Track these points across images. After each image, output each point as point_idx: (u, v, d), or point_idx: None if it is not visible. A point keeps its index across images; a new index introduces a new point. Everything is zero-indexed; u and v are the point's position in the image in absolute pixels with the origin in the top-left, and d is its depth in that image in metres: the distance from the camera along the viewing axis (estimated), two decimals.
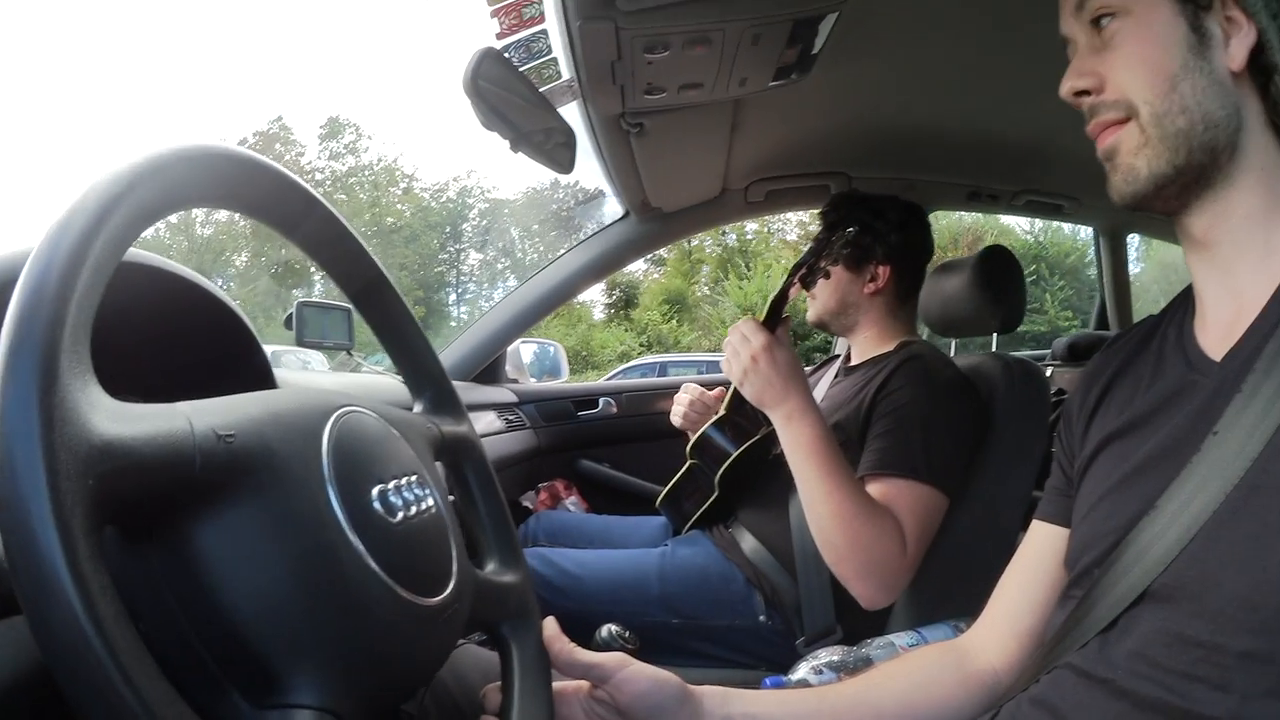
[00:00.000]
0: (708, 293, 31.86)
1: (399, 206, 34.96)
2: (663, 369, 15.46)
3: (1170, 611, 0.74)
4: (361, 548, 0.61)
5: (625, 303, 30.94)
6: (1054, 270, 25.78)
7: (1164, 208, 0.85)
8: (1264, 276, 0.80)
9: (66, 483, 0.42)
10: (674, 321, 29.69)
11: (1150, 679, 0.73)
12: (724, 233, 29.78)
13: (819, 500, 1.47)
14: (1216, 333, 0.84)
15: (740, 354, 1.53)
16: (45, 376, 0.43)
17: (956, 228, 25.36)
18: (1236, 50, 0.79)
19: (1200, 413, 0.79)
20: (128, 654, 0.43)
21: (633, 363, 19.25)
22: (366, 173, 35.02)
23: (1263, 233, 0.81)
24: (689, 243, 30.43)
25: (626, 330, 29.36)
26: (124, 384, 0.52)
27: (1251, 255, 0.81)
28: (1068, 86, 0.88)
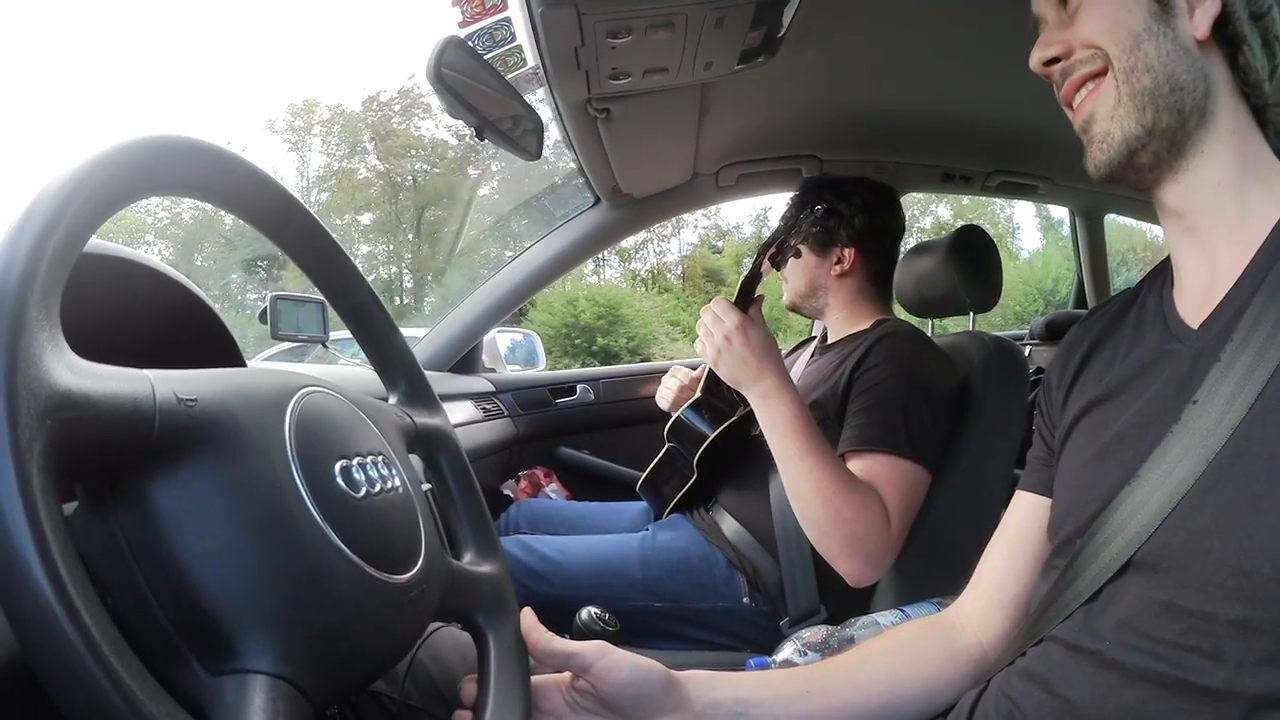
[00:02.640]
0: None
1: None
2: None
3: (1157, 580, 0.75)
4: (320, 518, 0.62)
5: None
6: None
7: (1138, 180, 0.86)
8: (1238, 243, 0.81)
9: (25, 418, 0.43)
10: None
11: (1140, 649, 0.74)
12: None
13: (800, 478, 1.47)
14: (1194, 300, 0.85)
15: (713, 334, 1.54)
16: (14, 321, 0.45)
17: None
18: (1200, 20, 0.81)
19: (1180, 380, 0.80)
20: (98, 636, 0.44)
21: None
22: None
23: (1236, 200, 0.82)
24: None
25: None
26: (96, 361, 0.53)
27: (1225, 222, 0.82)
28: (1036, 57, 0.90)
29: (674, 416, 1.98)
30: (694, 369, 2.10)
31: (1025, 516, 1.01)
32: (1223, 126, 0.82)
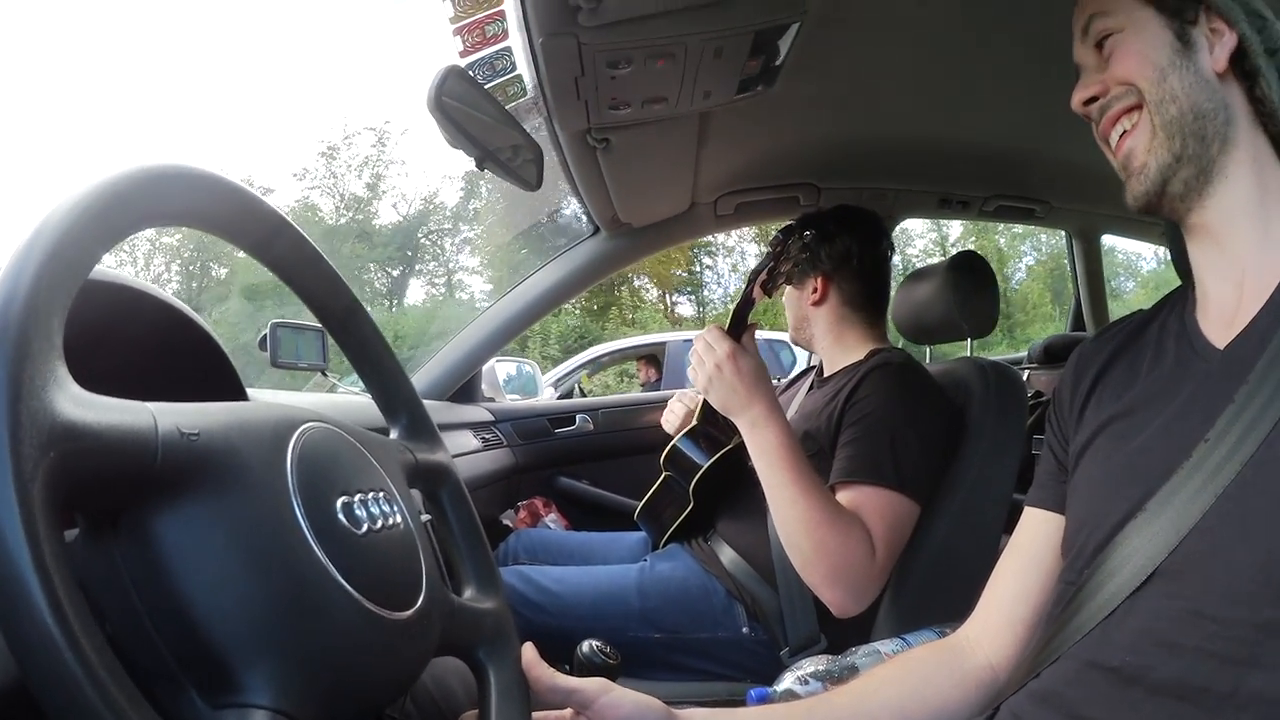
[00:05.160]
0: None
1: None
2: None
3: (1179, 588, 0.75)
4: (322, 554, 0.62)
5: None
6: None
7: (1171, 210, 0.89)
8: (1265, 268, 0.84)
9: (28, 450, 0.44)
10: None
11: (1162, 660, 0.74)
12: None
13: (785, 506, 1.48)
14: (1220, 321, 0.87)
15: (705, 362, 1.55)
16: (17, 351, 0.45)
17: None
18: (1219, 54, 0.87)
19: (1201, 402, 0.81)
20: (99, 667, 0.44)
21: None
22: None
23: (1260, 223, 0.85)
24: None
25: None
26: (97, 390, 0.53)
27: (1250, 245, 0.85)
28: (1076, 98, 0.95)
29: (670, 445, 1.98)
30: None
31: (1036, 533, 1.01)
32: (1243, 153, 0.86)
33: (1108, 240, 3.31)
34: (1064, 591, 0.89)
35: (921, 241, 27.67)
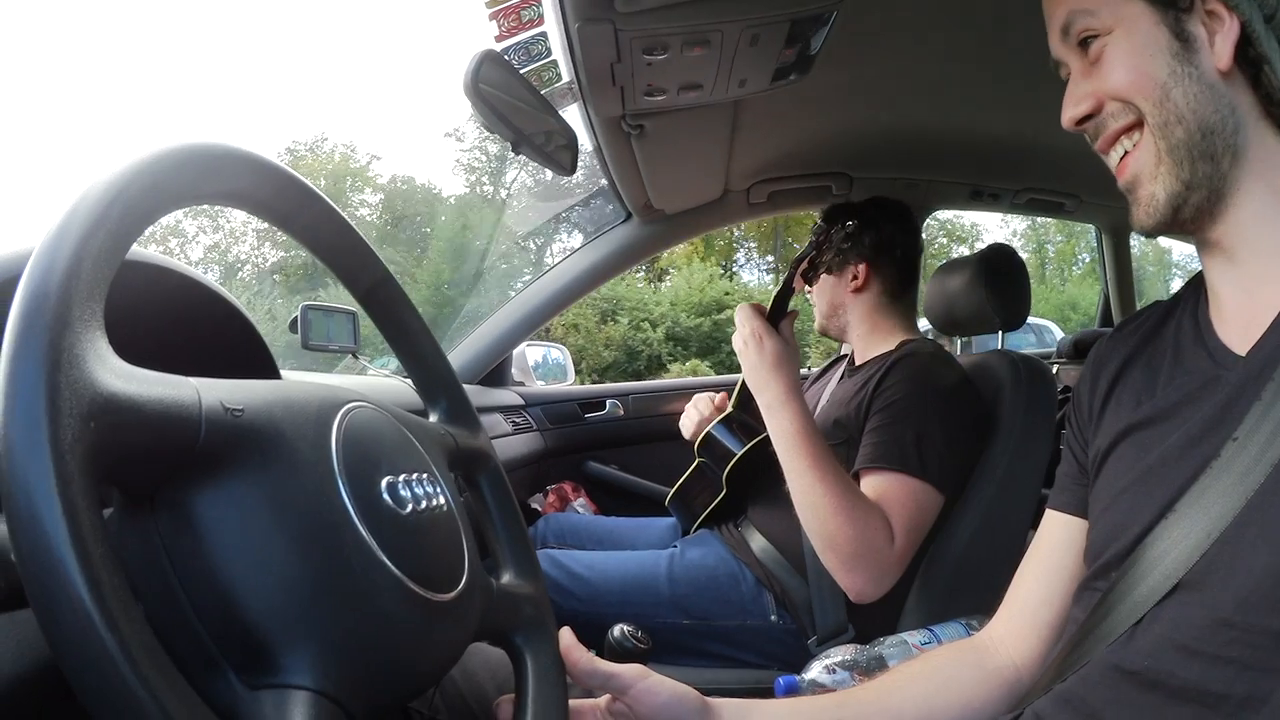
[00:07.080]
0: None
1: None
2: None
3: (1201, 596, 0.74)
4: (367, 533, 0.61)
5: None
6: None
7: (1182, 231, 0.84)
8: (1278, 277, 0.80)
9: (68, 420, 0.43)
10: None
11: (1180, 664, 0.73)
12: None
13: (804, 491, 1.49)
14: (1237, 327, 0.83)
15: (737, 336, 1.61)
16: (57, 320, 0.44)
17: None
18: (1221, 48, 0.79)
19: (1224, 407, 0.79)
20: (136, 644, 0.43)
21: None
22: None
23: (1273, 235, 0.80)
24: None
25: None
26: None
27: (1265, 254, 0.81)
28: (1068, 116, 0.88)
29: (704, 431, 1.98)
30: (718, 391, 2.11)
31: (1058, 537, 1.00)
32: (1254, 159, 0.80)
33: (1164, 241, 3.29)
34: (1090, 597, 0.88)
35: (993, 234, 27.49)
